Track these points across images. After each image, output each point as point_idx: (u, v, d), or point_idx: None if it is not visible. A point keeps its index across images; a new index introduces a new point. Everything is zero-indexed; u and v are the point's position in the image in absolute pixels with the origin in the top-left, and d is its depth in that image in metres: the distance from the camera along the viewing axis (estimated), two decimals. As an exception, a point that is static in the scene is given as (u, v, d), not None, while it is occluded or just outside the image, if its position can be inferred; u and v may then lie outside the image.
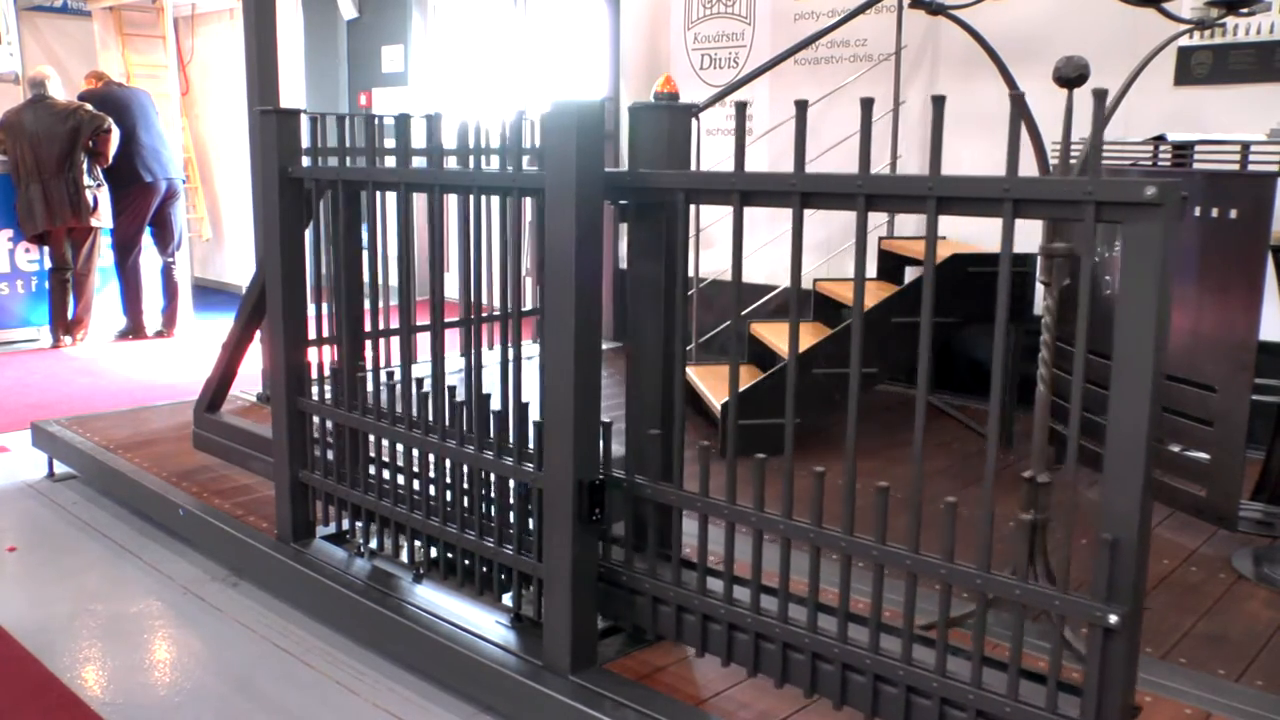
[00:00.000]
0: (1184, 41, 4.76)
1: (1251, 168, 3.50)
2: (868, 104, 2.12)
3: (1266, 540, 3.70)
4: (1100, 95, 1.87)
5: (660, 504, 2.56)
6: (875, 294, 4.59)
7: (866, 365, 4.34)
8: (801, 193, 2.19)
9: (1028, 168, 2.15)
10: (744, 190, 2.30)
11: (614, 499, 2.60)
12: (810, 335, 4.68)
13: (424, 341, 3.17)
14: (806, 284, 5.30)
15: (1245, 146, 3.54)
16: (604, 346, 2.63)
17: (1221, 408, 3.32)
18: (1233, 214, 3.29)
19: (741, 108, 2.38)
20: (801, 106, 2.18)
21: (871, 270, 5.45)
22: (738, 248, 2.35)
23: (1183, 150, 3.82)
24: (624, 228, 2.61)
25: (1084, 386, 1.97)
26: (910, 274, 5.13)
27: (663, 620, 2.58)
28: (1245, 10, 2.85)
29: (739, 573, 2.45)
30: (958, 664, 2.12)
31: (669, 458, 2.58)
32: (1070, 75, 2.16)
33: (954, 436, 4.75)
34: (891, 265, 5.20)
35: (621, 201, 2.60)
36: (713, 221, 5.69)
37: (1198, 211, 3.37)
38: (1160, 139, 3.79)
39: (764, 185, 2.31)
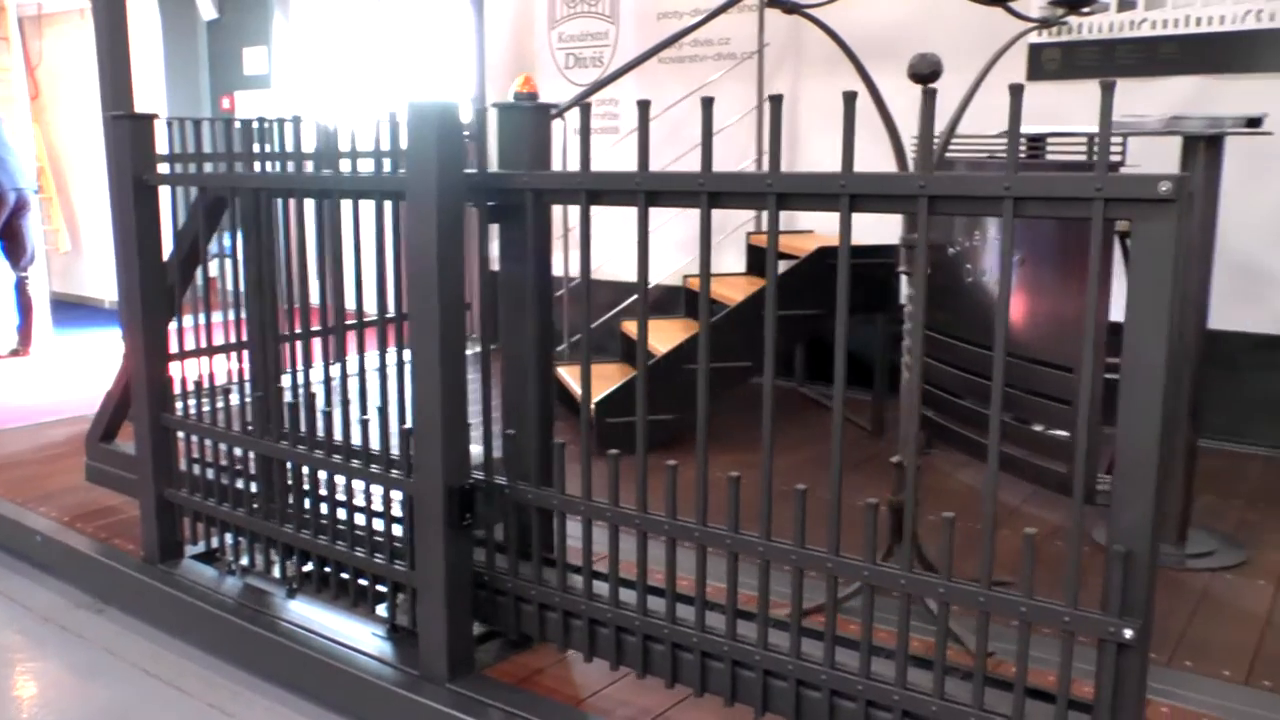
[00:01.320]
0: (1035, 40, 4.95)
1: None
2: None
3: (1124, 513, 3.86)
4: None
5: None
6: (745, 288, 4.66)
7: (739, 359, 4.44)
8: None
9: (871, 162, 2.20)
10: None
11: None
12: (681, 331, 4.71)
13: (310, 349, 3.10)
14: (677, 280, 5.35)
15: (1092, 138, 3.69)
16: (492, 348, 2.60)
17: (1080, 388, 3.44)
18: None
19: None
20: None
21: (741, 265, 5.54)
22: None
23: (1036, 143, 3.96)
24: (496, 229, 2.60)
25: (938, 371, 2.01)
26: (781, 267, 5.20)
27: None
28: (1086, 10, 2.97)
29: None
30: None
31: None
32: (924, 72, 2.22)
33: (826, 425, 4.80)
34: (761, 259, 5.28)
35: (490, 203, 2.58)
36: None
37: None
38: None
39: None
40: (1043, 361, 3.59)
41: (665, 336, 4.60)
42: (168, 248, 3.37)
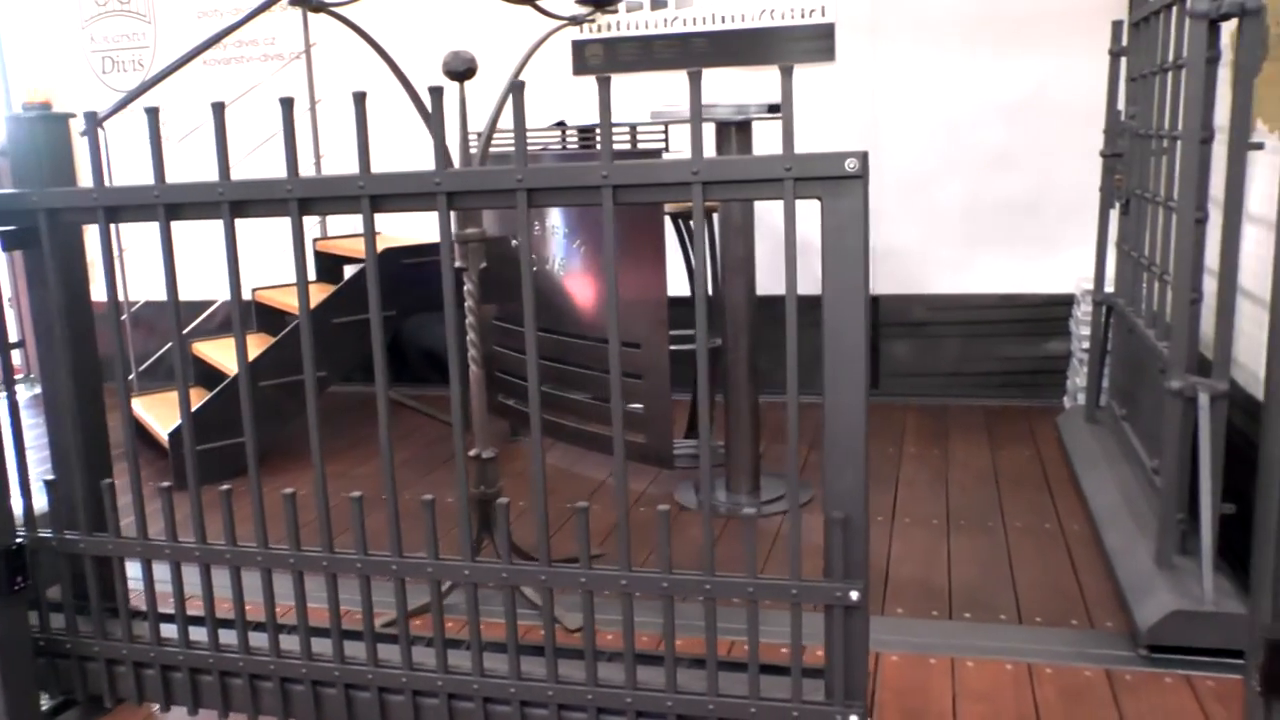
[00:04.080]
0: (578, 36, 5.18)
1: (641, 145, 3.90)
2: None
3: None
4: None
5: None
6: (316, 297, 4.52)
7: (314, 370, 4.31)
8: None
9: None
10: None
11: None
12: (255, 347, 4.49)
13: None
14: (246, 293, 5.08)
15: (633, 128, 3.92)
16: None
17: (646, 361, 3.66)
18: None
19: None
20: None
21: (310, 273, 5.36)
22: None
23: (587, 133, 4.14)
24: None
25: (515, 360, 2.05)
26: (349, 272, 5.10)
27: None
28: (610, 9, 3.14)
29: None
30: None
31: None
32: (458, 69, 2.25)
33: (415, 426, 4.82)
34: (329, 265, 5.14)
35: (6, 228, 2.30)
36: (141, 239, 5.27)
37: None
38: (561, 124, 4.08)
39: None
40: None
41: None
42: None
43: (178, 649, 2.28)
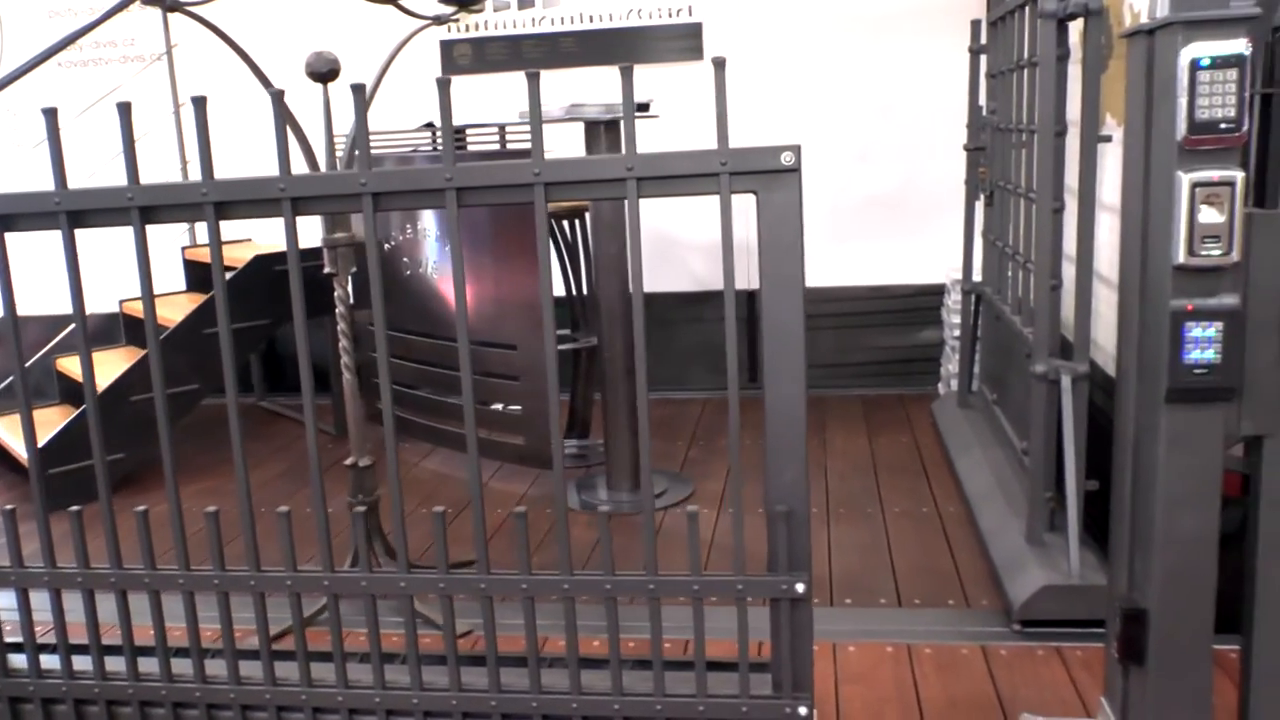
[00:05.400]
0: (446, 36, 5.13)
1: (511, 145, 3.88)
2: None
3: (582, 471, 4.17)
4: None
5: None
6: (188, 307, 4.39)
7: (187, 383, 4.18)
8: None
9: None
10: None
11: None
12: (124, 361, 4.34)
13: None
14: (113, 305, 4.91)
15: (502, 128, 3.91)
16: None
17: (524, 362, 3.64)
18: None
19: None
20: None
21: (181, 283, 5.20)
22: None
23: (458, 134, 4.10)
24: None
25: (393, 365, 2.02)
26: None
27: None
28: (475, 9, 3.12)
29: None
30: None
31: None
32: (321, 70, 2.21)
33: (293, 437, 4.70)
34: (200, 274, 5.00)
35: None
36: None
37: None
38: (430, 125, 4.03)
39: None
40: (489, 342, 3.74)
41: (107, 369, 4.20)
42: None
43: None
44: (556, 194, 1.83)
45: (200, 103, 1.92)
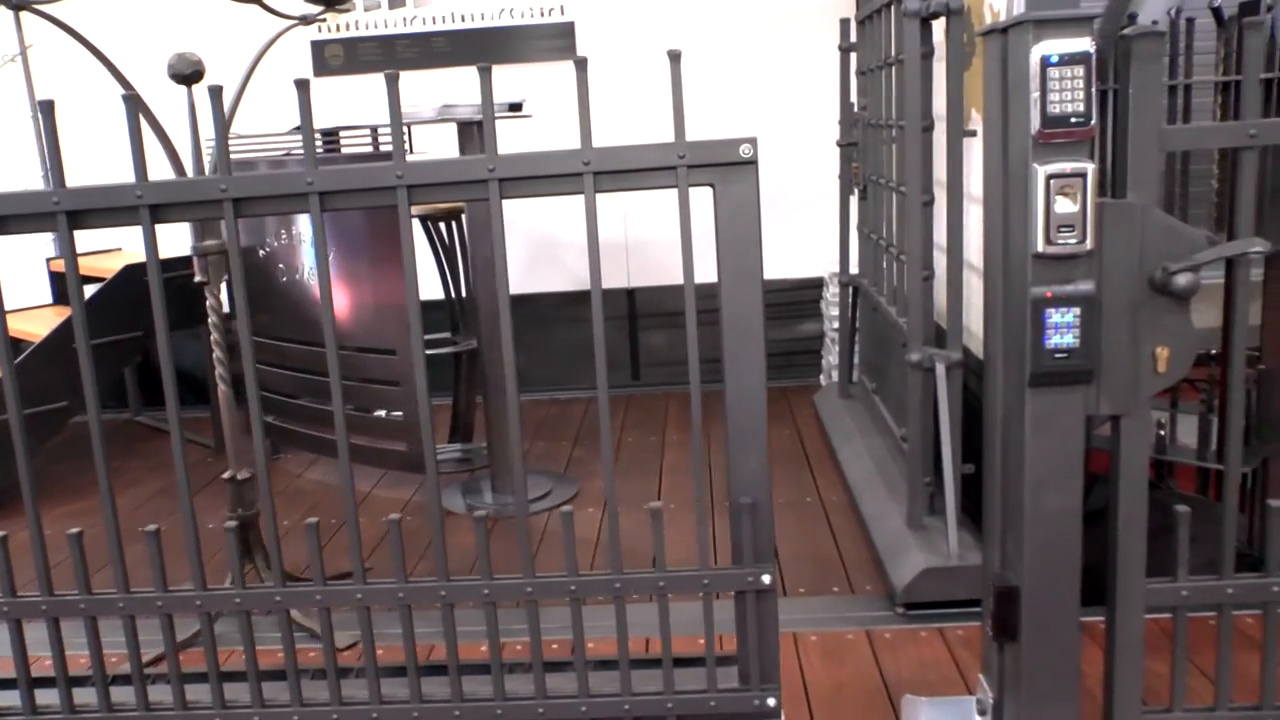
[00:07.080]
0: (317, 36, 5.03)
1: (384, 148, 3.83)
2: None
3: (467, 474, 4.14)
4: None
5: None
6: (53, 320, 4.23)
7: (55, 399, 4.02)
8: None
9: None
10: None
11: None
12: (-17, 377, 4.16)
13: None
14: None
15: (374, 130, 3.85)
16: None
17: (403, 367, 3.59)
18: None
19: None
20: None
21: (47, 295, 5.01)
22: None
23: (331, 136, 4.03)
24: None
25: (272, 375, 1.98)
26: (89, 291, 4.79)
27: None
28: (343, 8, 3.07)
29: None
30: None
31: None
32: (185, 72, 2.15)
33: (172, 453, 4.55)
34: (65, 286, 4.81)
35: None
36: None
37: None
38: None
39: None
40: (369, 348, 3.68)
41: (-41, 387, 4.02)
42: None
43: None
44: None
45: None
